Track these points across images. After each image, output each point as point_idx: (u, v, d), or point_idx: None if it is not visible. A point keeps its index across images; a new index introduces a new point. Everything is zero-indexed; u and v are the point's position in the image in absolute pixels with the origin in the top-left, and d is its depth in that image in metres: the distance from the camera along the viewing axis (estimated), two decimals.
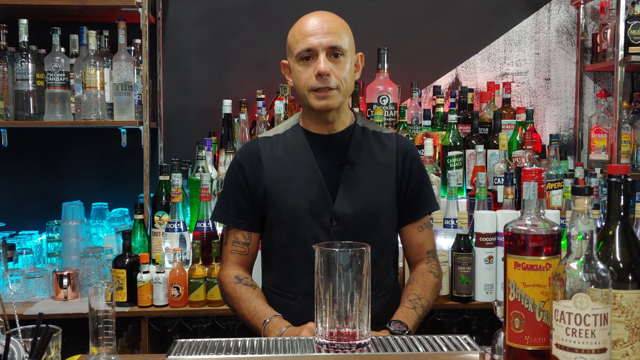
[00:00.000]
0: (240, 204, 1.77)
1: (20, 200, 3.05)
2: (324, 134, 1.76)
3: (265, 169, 1.75)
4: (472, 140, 2.83)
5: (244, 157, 1.78)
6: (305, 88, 1.68)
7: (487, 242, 2.42)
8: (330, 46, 1.65)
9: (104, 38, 2.85)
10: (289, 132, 1.80)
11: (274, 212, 1.74)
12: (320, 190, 1.71)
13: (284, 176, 1.74)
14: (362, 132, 1.79)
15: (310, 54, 1.66)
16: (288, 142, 1.78)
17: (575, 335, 1.09)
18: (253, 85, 3.02)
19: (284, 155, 1.76)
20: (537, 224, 1.21)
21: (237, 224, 1.78)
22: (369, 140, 1.78)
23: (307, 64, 1.67)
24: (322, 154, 1.75)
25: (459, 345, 1.30)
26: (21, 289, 2.51)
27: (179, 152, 2.95)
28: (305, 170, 1.73)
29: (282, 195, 1.73)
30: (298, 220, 1.71)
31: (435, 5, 3.17)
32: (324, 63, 1.64)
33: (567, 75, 3.22)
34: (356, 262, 1.29)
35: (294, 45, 1.69)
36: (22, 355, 1.17)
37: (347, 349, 1.27)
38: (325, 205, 1.71)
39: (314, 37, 1.65)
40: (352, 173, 1.73)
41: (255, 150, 1.77)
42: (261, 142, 1.79)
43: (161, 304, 2.42)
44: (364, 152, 1.76)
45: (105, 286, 1.25)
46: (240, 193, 1.77)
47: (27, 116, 2.69)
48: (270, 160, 1.75)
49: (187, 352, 1.27)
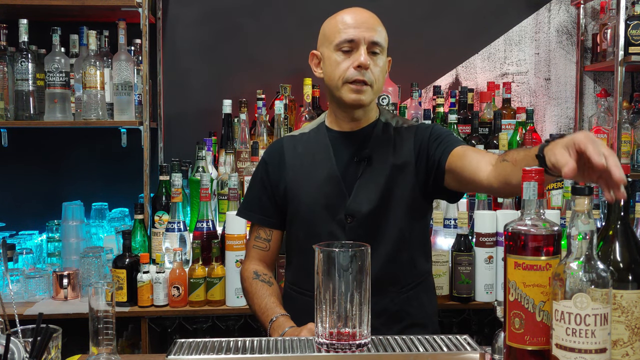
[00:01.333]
0: (263, 201, 1.81)
1: (20, 200, 3.05)
2: (347, 131, 1.77)
3: (287, 167, 1.77)
4: (472, 140, 2.83)
5: (269, 155, 1.83)
6: (341, 79, 1.68)
7: (487, 242, 2.42)
8: (372, 41, 1.67)
9: (104, 38, 2.85)
10: (314, 131, 1.82)
11: (293, 209, 1.77)
12: (336, 187, 1.72)
13: (303, 173, 1.76)
14: (383, 127, 1.78)
15: (351, 46, 1.67)
16: (311, 140, 1.80)
17: (575, 335, 1.09)
18: (253, 85, 3.02)
19: (305, 153, 1.78)
20: (537, 224, 1.21)
21: (260, 220, 1.83)
22: (389, 136, 1.77)
23: (346, 55, 1.68)
24: (341, 151, 1.76)
25: (459, 345, 1.30)
26: (21, 289, 2.51)
27: (179, 152, 2.95)
28: (324, 167, 1.74)
29: (300, 192, 1.75)
30: (314, 217, 1.72)
31: (435, 5, 3.17)
32: (365, 56, 1.65)
33: (567, 75, 3.22)
34: (356, 262, 1.29)
35: (334, 35, 1.69)
36: (22, 355, 1.17)
37: (347, 349, 1.27)
38: (340, 201, 1.71)
39: (358, 30, 1.66)
40: (370, 169, 1.72)
41: (279, 149, 1.81)
42: (286, 140, 1.83)
43: (161, 304, 2.42)
44: (383, 147, 1.75)
45: (105, 286, 1.25)
46: (263, 190, 1.80)
47: (27, 116, 2.69)
48: (293, 158, 1.78)
49: (187, 352, 1.27)
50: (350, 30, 1.66)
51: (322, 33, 1.75)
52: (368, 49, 1.67)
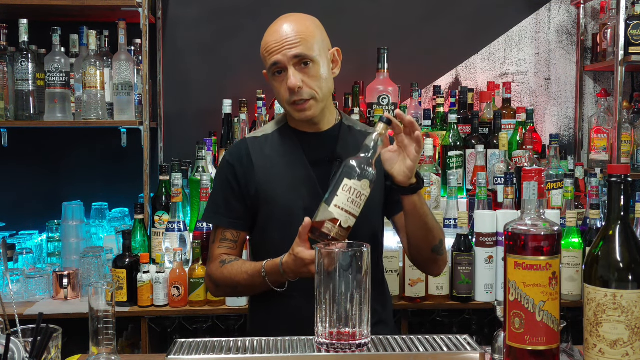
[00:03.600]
0: (232, 203, 1.76)
1: (20, 200, 3.05)
2: (312, 132, 1.77)
3: (256, 169, 1.74)
4: (472, 140, 2.83)
5: (234, 157, 1.78)
6: (284, 102, 1.70)
7: (487, 242, 2.42)
8: (296, 57, 1.65)
9: (104, 38, 2.85)
10: (277, 132, 1.80)
11: (267, 211, 1.74)
12: (313, 188, 1.71)
13: (275, 175, 1.74)
14: (348, 130, 1.81)
15: (280, 68, 1.67)
16: (277, 141, 1.78)
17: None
18: (253, 85, 3.01)
19: (274, 155, 1.76)
20: (537, 223, 1.21)
21: (229, 223, 1.78)
22: (355, 138, 1.79)
23: (280, 79, 1.68)
24: (311, 152, 1.75)
25: (459, 345, 1.30)
26: (21, 289, 2.51)
27: (179, 152, 2.95)
28: (297, 168, 1.74)
29: (274, 194, 1.72)
30: (292, 219, 1.69)
31: (435, 5, 3.17)
32: (293, 77, 1.64)
33: (567, 75, 3.22)
34: (356, 262, 1.29)
35: (264, 61, 1.72)
36: (22, 355, 1.17)
37: (347, 349, 1.27)
38: (318, 202, 1.70)
39: (279, 51, 1.65)
40: None
41: (245, 150, 1.77)
42: (250, 142, 1.79)
43: (161, 304, 2.42)
44: (352, 148, 1.75)
45: (105, 286, 1.25)
46: (231, 192, 1.76)
47: (27, 116, 2.69)
48: (261, 160, 1.75)
49: (187, 352, 1.27)
50: (274, 55, 1.66)
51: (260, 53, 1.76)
52: (296, 65, 1.66)
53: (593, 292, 1.22)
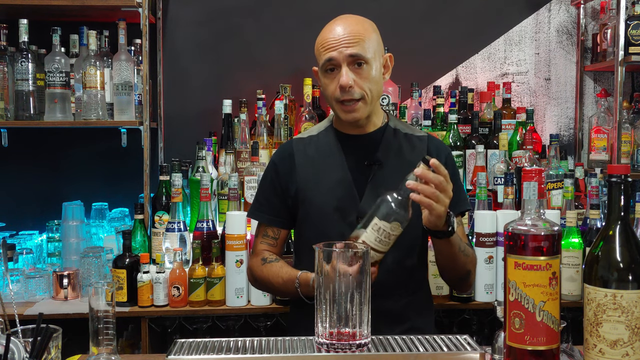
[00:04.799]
0: (273, 201, 1.84)
1: (20, 200, 3.05)
2: (355, 134, 1.80)
3: (297, 169, 1.80)
4: (472, 140, 2.83)
5: (279, 157, 1.86)
6: (332, 99, 1.72)
7: (487, 242, 2.42)
8: (351, 56, 1.66)
9: (104, 38, 2.85)
10: (322, 134, 1.84)
11: (304, 210, 1.79)
12: (348, 190, 1.74)
13: (314, 176, 1.78)
14: (393, 133, 1.82)
15: (334, 65, 1.68)
16: (320, 143, 1.82)
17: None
18: (253, 85, 3.02)
19: (315, 156, 1.81)
20: (537, 224, 1.21)
21: (269, 220, 1.86)
22: (399, 141, 1.80)
23: (331, 76, 1.70)
24: (352, 154, 1.78)
25: (459, 345, 1.30)
26: (21, 289, 2.51)
27: (179, 152, 2.95)
28: (335, 170, 1.77)
29: (311, 194, 1.77)
30: (325, 219, 1.75)
31: (435, 5, 3.17)
32: (346, 76, 1.66)
33: (567, 75, 3.22)
34: (356, 262, 1.29)
35: (318, 56, 1.72)
36: (22, 355, 1.17)
37: (347, 349, 1.27)
38: (352, 204, 1.74)
39: (335, 49, 1.67)
40: (380, 173, 1.75)
41: (289, 151, 1.83)
42: (295, 143, 1.85)
43: (161, 304, 2.42)
44: (394, 152, 1.79)
45: (105, 286, 1.25)
46: (273, 191, 1.84)
47: (27, 116, 2.69)
48: (303, 160, 1.80)
49: (187, 352, 1.27)
50: (329, 51, 1.67)
51: (314, 49, 1.77)
52: (350, 64, 1.67)
53: (593, 292, 1.22)
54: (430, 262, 2.43)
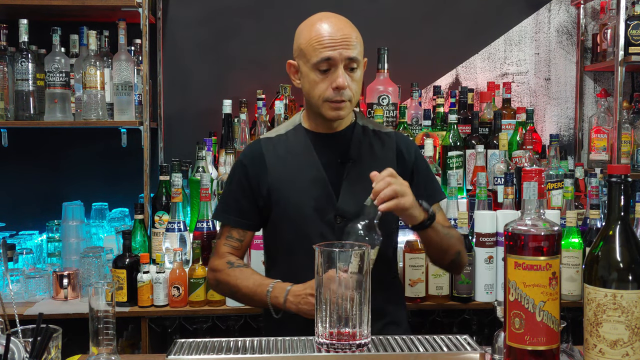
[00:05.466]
0: (241, 202, 1.80)
1: (20, 200, 3.05)
2: (326, 133, 1.79)
3: (268, 168, 1.77)
4: (472, 140, 2.83)
5: (247, 157, 1.81)
6: (320, 98, 1.69)
7: (487, 242, 2.42)
8: (349, 59, 1.66)
9: (104, 38, 2.85)
10: (291, 132, 1.82)
11: (279, 211, 1.77)
12: (324, 188, 1.74)
13: (287, 175, 1.76)
14: (362, 130, 1.82)
15: (330, 65, 1.67)
16: (290, 141, 1.80)
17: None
18: (253, 85, 3.01)
19: (287, 155, 1.78)
20: (537, 224, 1.21)
21: (236, 222, 1.81)
22: (369, 139, 1.81)
23: (324, 74, 1.68)
24: (324, 153, 1.77)
25: (459, 345, 1.30)
26: (21, 289, 2.51)
27: (179, 152, 2.95)
28: (309, 168, 1.76)
29: (286, 194, 1.75)
30: (303, 218, 1.73)
31: (435, 5, 3.17)
32: (343, 77, 1.65)
33: (567, 75, 3.22)
34: (356, 263, 1.29)
35: (310, 53, 1.68)
36: (22, 355, 1.17)
37: (347, 349, 1.27)
38: (329, 202, 1.73)
39: (334, 49, 1.65)
40: (355, 170, 1.75)
41: (258, 151, 1.80)
42: (264, 142, 1.81)
43: (161, 304, 2.42)
44: (366, 149, 1.79)
45: (105, 286, 1.25)
46: (242, 192, 1.79)
47: (27, 116, 2.69)
48: (274, 160, 1.78)
49: (187, 352, 1.27)
50: (327, 50, 1.65)
51: (297, 45, 1.73)
52: (345, 67, 1.67)
53: (593, 292, 1.22)
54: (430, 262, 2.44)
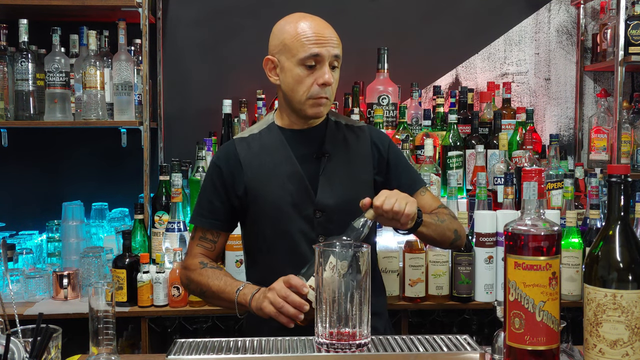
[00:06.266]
0: (214, 204, 1.79)
1: (20, 200, 3.05)
2: (300, 129, 1.80)
3: (244, 167, 1.77)
4: (472, 140, 2.83)
5: (220, 159, 1.81)
6: (304, 95, 1.70)
7: (487, 242, 2.42)
8: (335, 57, 1.70)
9: (104, 38, 2.85)
10: (265, 131, 1.82)
11: (257, 208, 1.76)
12: (301, 183, 1.74)
13: (263, 173, 1.76)
14: (335, 125, 1.83)
15: (316, 61, 1.68)
16: (264, 139, 1.80)
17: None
18: (253, 85, 3.01)
19: (261, 153, 1.78)
20: (537, 224, 1.21)
21: (209, 224, 1.81)
22: (343, 133, 1.82)
23: (309, 70, 1.69)
24: (299, 149, 1.77)
25: (459, 345, 1.30)
26: (21, 289, 2.51)
27: (179, 152, 2.95)
28: (284, 165, 1.76)
29: (263, 191, 1.75)
30: (282, 215, 1.73)
31: (435, 5, 3.17)
32: (329, 74, 1.68)
33: (567, 75, 3.22)
34: (356, 262, 1.29)
35: (296, 48, 1.68)
36: (22, 355, 1.17)
37: (347, 349, 1.27)
38: (307, 197, 1.73)
39: (323, 46, 1.67)
40: (331, 165, 1.76)
41: (233, 151, 1.80)
42: (237, 142, 1.81)
43: (161, 304, 2.42)
44: (340, 144, 1.80)
45: (105, 286, 1.25)
46: (215, 194, 1.79)
47: (27, 116, 2.69)
48: (248, 158, 1.77)
49: (187, 352, 1.27)
50: (316, 47, 1.67)
51: (279, 40, 1.73)
52: (330, 64, 1.69)
53: (593, 292, 1.22)
54: (431, 262, 2.44)
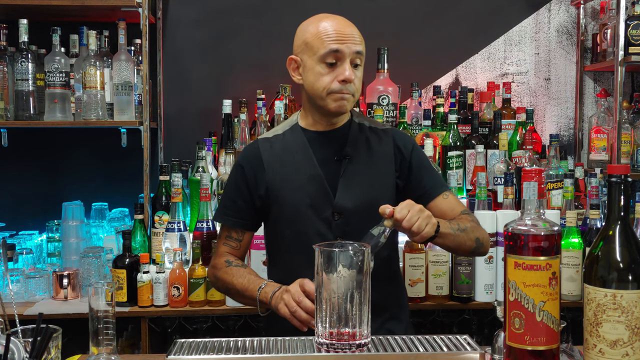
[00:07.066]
0: (238, 203, 1.81)
1: (20, 200, 3.05)
2: (323, 131, 1.80)
3: (266, 168, 1.78)
4: (472, 140, 2.83)
5: (245, 159, 1.83)
6: (325, 90, 1.70)
7: None
8: (357, 53, 1.69)
9: (104, 38, 2.85)
10: (288, 132, 1.83)
11: (277, 209, 1.78)
12: (320, 185, 1.75)
13: (284, 174, 1.77)
14: (359, 127, 1.83)
15: (337, 58, 1.68)
16: (287, 140, 1.81)
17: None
18: (253, 85, 3.02)
19: (283, 154, 1.79)
20: (537, 224, 1.21)
21: (233, 222, 1.84)
22: (366, 135, 1.82)
23: (330, 68, 1.69)
24: (321, 151, 1.78)
25: (459, 345, 1.30)
26: (21, 289, 2.51)
27: (179, 152, 2.95)
28: (305, 166, 1.77)
29: (283, 192, 1.76)
30: (300, 216, 1.74)
31: (435, 5, 3.17)
32: (350, 70, 1.68)
33: (567, 75, 3.22)
34: (356, 262, 1.29)
35: (317, 46, 1.70)
36: (22, 355, 1.17)
37: (347, 349, 1.27)
38: (326, 199, 1.74)
39: (343, 42, 1.68)
40: (351, 167, 1.76)
41: (256, 152, 1.81)
42: (261, 143, 1.83)
43: (161, 304, 2.42)
44: (362, 146, 1.80)
45: (105, 286, 1.25)
46: (239, 193, 1.81)
47: (27, 116, 2.69)
48: (271, 160, 1.79)
49: (187, 352, 1.28)
50: (336, 43, 1.68)
51: (302, 40, 1.75)
52: (351, 62, 1.69)
53: (593, 292, 1.22)
54: (431, 262, 2.44)
